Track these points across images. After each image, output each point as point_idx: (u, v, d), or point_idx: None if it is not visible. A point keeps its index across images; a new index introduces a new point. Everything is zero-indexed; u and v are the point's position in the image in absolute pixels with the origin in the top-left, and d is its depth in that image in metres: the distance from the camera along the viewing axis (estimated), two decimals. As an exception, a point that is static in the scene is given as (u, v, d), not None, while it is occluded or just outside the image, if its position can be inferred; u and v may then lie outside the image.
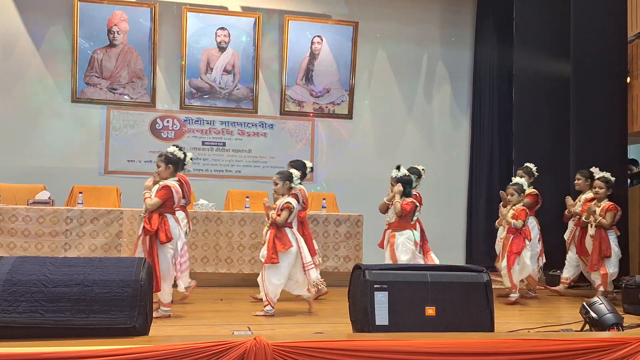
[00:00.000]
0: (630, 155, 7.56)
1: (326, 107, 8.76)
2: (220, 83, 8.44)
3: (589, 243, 5.93)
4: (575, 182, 6.35)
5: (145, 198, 4.69)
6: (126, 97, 8.20)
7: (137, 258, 2.96)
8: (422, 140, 9.05)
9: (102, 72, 8.09)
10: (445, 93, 9.19)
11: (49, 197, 6.51)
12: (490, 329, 3.42)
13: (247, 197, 7.13)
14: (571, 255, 6.31)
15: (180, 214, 5.07)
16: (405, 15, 8.95)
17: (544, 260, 6.49)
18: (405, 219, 5.29)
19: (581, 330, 3.87)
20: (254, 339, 2.66)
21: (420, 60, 9.08)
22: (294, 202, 4.90)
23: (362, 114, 8.90)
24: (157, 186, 4.73)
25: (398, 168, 5.48)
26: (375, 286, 3.31)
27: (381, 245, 5.51)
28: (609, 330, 3.66)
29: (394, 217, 5.31)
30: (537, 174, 6.53)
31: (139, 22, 8.14)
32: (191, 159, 5.09)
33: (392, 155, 8.47)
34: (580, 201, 6.28)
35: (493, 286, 3.57)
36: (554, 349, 2.96)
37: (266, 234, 4.86)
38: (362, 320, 3.33)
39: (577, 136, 6.63)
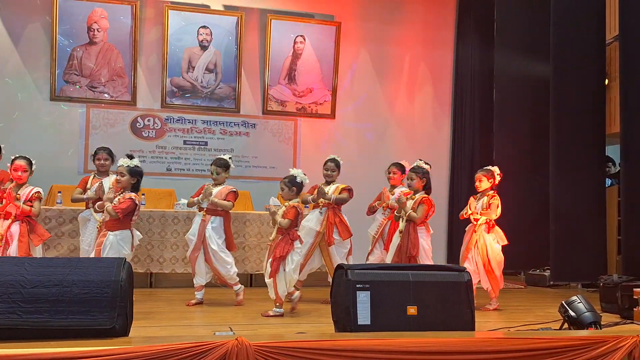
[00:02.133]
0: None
1: (309, 106, 8.76)
2: (202, 82, 8.39)
3: (396, 239, 5.28)
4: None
5: (114, 206, 4.66)
6: (106, 95, 8.11)
7: (116, 258, 2.93)
8: (404, 140, 9.08)
9: (81, 70, 7.99)
10: (427, 94, 9.25)
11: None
12: (471, 328, 3.45)
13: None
14: (378, 254, 5.79)
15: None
16: (387, 16, 8.98)
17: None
18: None
19: (560, 328, 3.91)
20: (236, 339, 2.65)
21: (402, 60, 9.13)
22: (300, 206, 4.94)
23: (344, 114, 8.92)
24: (117, 196, 4.72)
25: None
26: (357, 286, 3.32)
27: None
28: (587, 329, 3.71)
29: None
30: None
31: (120, 20, 8.05)
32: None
33: (374, 155, 8.51)
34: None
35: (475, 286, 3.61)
36: (533, 347, 3.01)
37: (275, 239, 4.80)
38: (345, 320, 3.33)
39: (557, 137, 6.71)
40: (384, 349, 2.83)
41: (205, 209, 5.21)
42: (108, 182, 5.30)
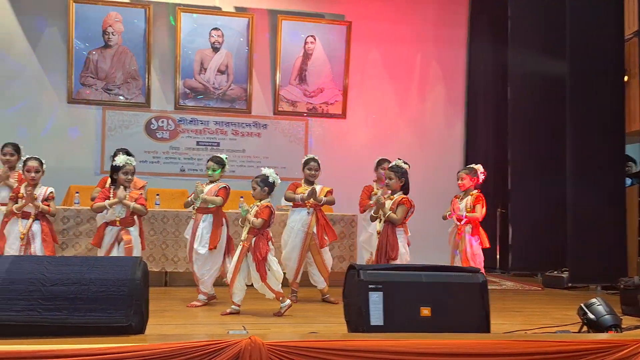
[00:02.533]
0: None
1: (320, 106, 8.78)
2: (214, 83, 8.44)
3: (374, 240, 5.10)
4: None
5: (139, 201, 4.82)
6: (121, 97, 8.20)
7: (133, 257, 2.97)
8: (415, 140, 9.05)
9: (97, 73, 8.09)
10: (439, 93, 9.21)
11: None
12: (486, 329, 3.41)
13: (241, 197, 7.12)
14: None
15: None
16: (398, 14, 8.96)
17: None
18: None
19: (579, 331, 3.85)
20: (249, 338, 2.67)
21: (414, 59, 9.10)
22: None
23: (355, 114, 8.91)
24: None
25: None
26: (370, 286, 3.31)
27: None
28: (607, 332, 3.64)
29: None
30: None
31: (134, 23, 8.13)
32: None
33: (385, 155, 8.42)
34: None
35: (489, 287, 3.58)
36: (550, 350, 2.94)
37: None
38: (357, 320, 3.33)
39: (574, 135, 6.60)
40: (397, 350, 2.82)
41: (196, 208, 5.24)
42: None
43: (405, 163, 5.24)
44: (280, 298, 4.78)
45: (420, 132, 9.11)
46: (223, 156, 5.43)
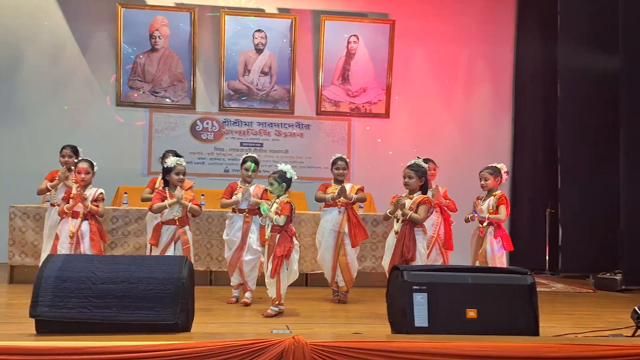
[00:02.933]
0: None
1: (363, 106, 8.74)
2: (257, 85, 8.53)
3: (391, 240, 4.89)
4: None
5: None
6: (167, 100, 8.38)
7: (178, 256, 3.02)
8: (461, 139, 8.93)
9: (144, 76, 8.29)
10: (486, 91, 9.04)
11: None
12: (535, 333, 3.33)
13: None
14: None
15: None
16: (443, 12, 8.85)
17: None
18: None
19: (632, 335, 3.72)
20: (293, 337, 2.68)
21: (459, 58, 8.97)
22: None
23: (399, 113, 8.84)
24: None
25: None
26: (414, 287, 3.27)
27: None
28: (662, 336, 3.53)
29: None
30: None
31: (179, 27, 8.30)
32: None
33: (429, 155, 8.28)
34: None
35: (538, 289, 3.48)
36: (602, 354, 2.86)
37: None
38: (401, 321, 3.30)
39: (628, 131, 6.38)
40: (442, 352, 2.78)
41: (246, 210, 5.24)
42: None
43: (427, 161, 5.16)
44: (277, 302, 4.72)
45: (466, 131, 8.97)
46: (255, 155, 5.53)
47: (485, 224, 4.95)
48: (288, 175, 4.84)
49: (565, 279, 7.69)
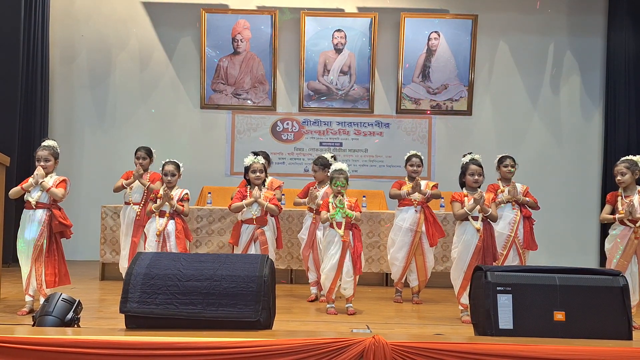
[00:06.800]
0: None
1: (444, 103, 8.57)
2: (336, 84, 8.58)
3: (472, 238, 4.58)
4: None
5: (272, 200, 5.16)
6: (249, 101, 8.61)
7: (261, 255, 3.09)
8: (548, 135, 8.57)
9: (227, 79, 8.57)
10: (575, 84, 8.61)
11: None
12: (628, 337, 3.14)
13: (364, 196, 7.17)
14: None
15: None
16: (528, 3, 8.51)
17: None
18: None
19: None
20: (373, 337, 2.67)
21: (546, 50, 8.59)
22: None
23: (482, 110, 8.60)
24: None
25: None
26: (498, 288, 3.17)
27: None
28: None
29: None
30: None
31: (261, 29, 8.50)
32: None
33: (515, 152, 7.99)
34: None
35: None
36: None
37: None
38: (485, 323, 3.21)
39: None
40: (528, 355, 2.68)
41: (315, 210, 5.37)
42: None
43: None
44: (333, 299, 4.86)
45: (554, 127, 8.59)
46: (328, 155, 5.69)
47: None
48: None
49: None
